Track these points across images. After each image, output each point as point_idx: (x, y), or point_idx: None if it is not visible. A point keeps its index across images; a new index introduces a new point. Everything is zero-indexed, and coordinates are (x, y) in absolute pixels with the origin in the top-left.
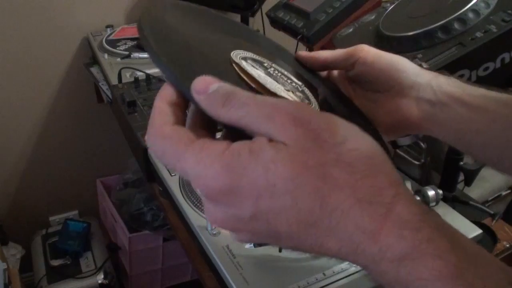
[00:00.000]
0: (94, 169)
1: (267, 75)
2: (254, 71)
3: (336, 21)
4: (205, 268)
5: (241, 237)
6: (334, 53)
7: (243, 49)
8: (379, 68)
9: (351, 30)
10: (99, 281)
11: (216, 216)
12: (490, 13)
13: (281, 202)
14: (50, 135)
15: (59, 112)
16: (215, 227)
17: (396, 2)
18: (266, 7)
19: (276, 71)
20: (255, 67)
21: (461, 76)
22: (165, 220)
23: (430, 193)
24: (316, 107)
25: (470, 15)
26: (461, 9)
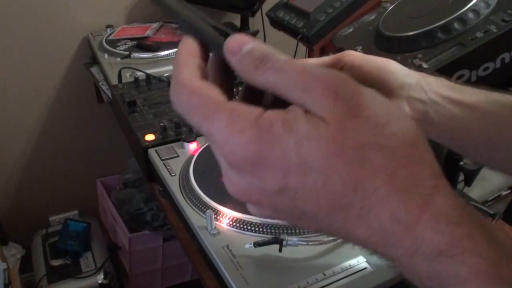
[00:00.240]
0: (94, 169)
1: None
2: None
3: (336, 21)
4: (205, 268)
5: (262, 211)
6: (321, 60)
7: None
8: (368, 71)
9: (351, 30)
10: (99, 281)
11: (237, 186)
12: (490, 13)
13: (311, 181)
14: (50, 135)
15: (59, 112)
16: (235, 196)
17: (396, 2)
18: (266, 7)
19: None
20: None
21: (461, 76)
22: (165, 220)
23: None
24: None
25: (470, 15)
26: (461, 9)
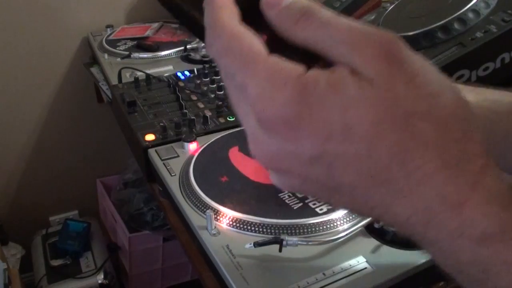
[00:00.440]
0: (94, 169)
1: None
2: None
3: None
4: (205, 268)
5: (289, 181)
6: None
7: None
8: None
9: None
10: (99, 281)
11: (266, 150)
12: (490, 13)
13: (354, 149)
14: (50, 135)
15: (59, 112)
16: (261, 162)
17: (396, 2)
18: None
19: None
20: None
21: (461, 76)
22: (165, 220)
23: None
24: None
25: (470, 15)
26: (461, 9)
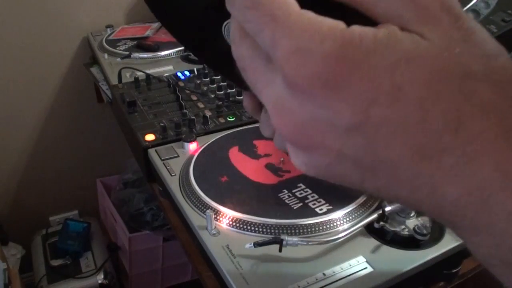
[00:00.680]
0: (94, 169)
1: None
2: None
3: None
4: (205, 268)
5: (317, 159)
6: None
7: None
8: None
9: None
10: (99, 281)
11: (295, 119)
12: (490, 13)
13: (403, 114)
14: (50, 135)
15: (59, 112)
16: (278, 136)
17: None
18: None
19: None
20: None
21: None
22: (165, 220)
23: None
24: None
25: (470, 15)
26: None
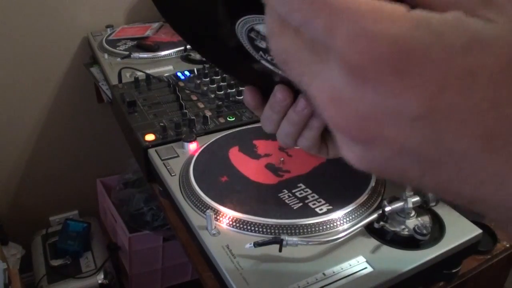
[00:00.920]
0: (94, 169)
1: None
2: None
3: None
4: (205, 268)
5: (376, 153)
6: None
7: None
8: None
9: None
10: (99, 281)
11: (355, 110)
12: None
13: (474, 100)
14: (50, 135)
15: (59, 112)
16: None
17: None
18: None
19: None
20: None
21: None
22: (165, 220)
23: (430, 193)
24: None
25: None
26: None
